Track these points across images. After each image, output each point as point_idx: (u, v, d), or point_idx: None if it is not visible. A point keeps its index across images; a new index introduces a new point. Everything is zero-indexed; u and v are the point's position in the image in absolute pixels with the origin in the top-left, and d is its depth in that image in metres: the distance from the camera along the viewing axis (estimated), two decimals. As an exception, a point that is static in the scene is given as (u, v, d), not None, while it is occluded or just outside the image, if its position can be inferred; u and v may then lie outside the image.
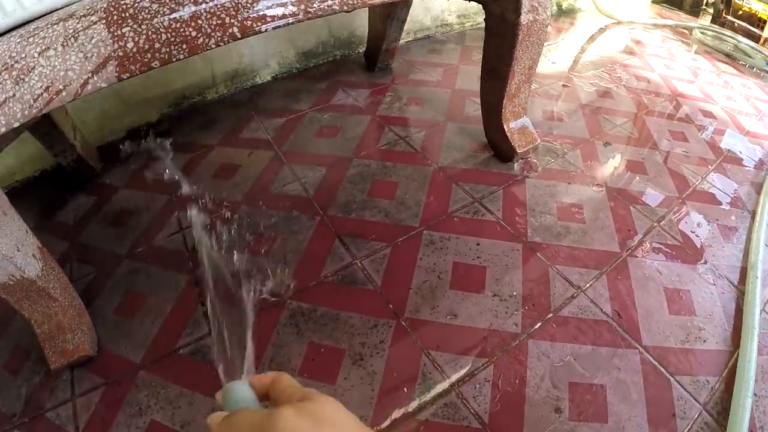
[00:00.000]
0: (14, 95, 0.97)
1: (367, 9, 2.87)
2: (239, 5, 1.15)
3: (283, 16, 1.22)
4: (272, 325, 1.65)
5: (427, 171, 2.29)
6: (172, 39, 1.11)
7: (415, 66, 3.26)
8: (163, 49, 1.11)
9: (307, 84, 2.95)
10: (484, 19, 2.00)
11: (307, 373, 1.53)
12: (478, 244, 1.94)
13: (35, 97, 0.99)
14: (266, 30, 1.21)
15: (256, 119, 2.63)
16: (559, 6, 4.65)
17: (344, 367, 1.55)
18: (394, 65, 3.21)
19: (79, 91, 1.04)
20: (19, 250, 1.26)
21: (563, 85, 3.22)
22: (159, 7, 1.10)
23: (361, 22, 3.16)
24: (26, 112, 0.99)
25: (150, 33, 1.09)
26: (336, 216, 2.03)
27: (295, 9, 1.22)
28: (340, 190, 2.15)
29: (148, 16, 1.09)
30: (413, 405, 1.47)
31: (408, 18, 2.81)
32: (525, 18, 1.84)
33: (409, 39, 3.63)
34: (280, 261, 1.84)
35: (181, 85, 2.70)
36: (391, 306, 1.70)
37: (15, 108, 0.98)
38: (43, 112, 1.01)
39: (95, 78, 1.06)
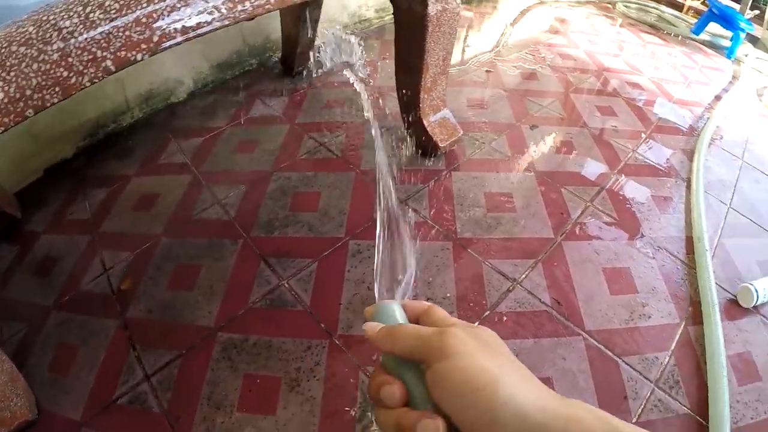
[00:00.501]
0: None
1: (278, 13, 2.84)
2: (111, 36, 1.11)
3: (160, 41, 1.18)
4: (205, 361, 1.61)
5: (350, 177, 2.28)
6: (44, 83, 1.07)
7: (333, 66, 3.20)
8: (35, 96, 1.07)
9: (224, 97, 2.91)
10: (393, 13, 1.99)
11: (245, 407, 1.50)
12: (407, 248, 1.92)
13: None
14: (143, 58, 1.17)
15: (173, 142, 2.57)
16: None
17: (282, 395, 1.53)
18: (312, 68, 3.17)
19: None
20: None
21: (487, 71, 3.24)
22: (26, 49, 1.05)
23: (275, 27, 3.10)
24: None
25: (20, 80, 1.04)
26: (259, 236, 2.00)
27: (172, 30, 1.19)
28: (261, 208, 2.12)
29: (16, 61, 1.04)
30: (358, 428, 1.45)
31: (324, 17, 2.78)
32: (433, 8, 1.83)
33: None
34: (206, 293, 1.80)
35: (94, 114, 2.61)
36: (322, 325, 1.69)
37: None
38: None
39: (-30, 138, 1.02)
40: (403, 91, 2.21)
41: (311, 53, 3.02)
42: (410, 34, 1.96)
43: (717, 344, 1.64)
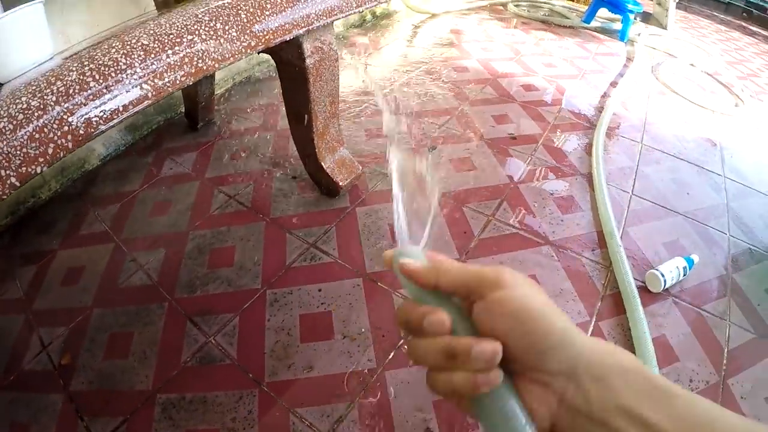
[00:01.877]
0: None
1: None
2: (10, 155, 1.21)
3: (55, 153, 1.27)
4: (149, 423, 1.70)
5: (260, 227, 2.37)
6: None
7: (237, 114, 3.32)
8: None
9: (136, 160, 2.97)
10: (276, 68, 2.11)
11: (189, 462, 1.60)
12: (320, 290, 2.05)
13: None
14: (42, 170, 1.27)
15: (91, 211, 2.63)
16: (373, 14, 4.77)
17: (222, 446, 1.62)
18: (217, 118, 3.25)
19: None
20: None
21: (384, 98, 3.33)
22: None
23: (176, 82, 3.15)
24: None
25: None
26: (182, 297, 2.09)
27: (63, 142, 1.27)
28: (182, 269, 2.21)
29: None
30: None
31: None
32: (310, 60, 1.96)
33: (229, 85, 3.68)
34: (141, 358, 1.89)
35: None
36: (250, 375, 1.79)
37: None
38: None
39: None
40: (299, 138, 2.34)
41: (214, 105, 3.13)
42: (294, 85, 2.08)
43: (645, 339, 1.78)
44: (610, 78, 3.72)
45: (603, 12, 4.64)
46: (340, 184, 2.38)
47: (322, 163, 2.34)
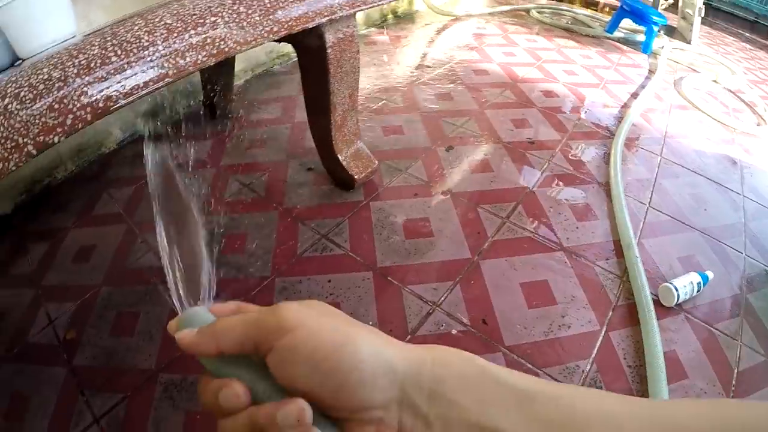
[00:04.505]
0: None
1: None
2: (29, 123, 1.22)
3: (73, 124, 1.30)
4: (149, 402, 1.70)
5: (274, 215, 2.37)
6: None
7: (254, 105, 3.32)
8: (-34, 182, 1.18)
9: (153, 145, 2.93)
10: (297, 58, 2.11)
11: (189, 444, 1.60)
12: (329, 281, 2.05)
13: None
14: (59, 140, 1.28)
15: (106, 192, 2.64)
16: (394, 13, 4.77)
17: (222, 429, 1.63)
18: (234, 108, 3.25)
19: None
20: None
21: (402, 96, 3.34)
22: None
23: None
24: None
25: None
26: None
27: (82, 114, 1.29)
28: None
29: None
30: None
31: (241, 56, 2.87)
32: (331, 51, 1.96)
33: (248, 77, 3.69)
34: (146, 337, 1.90)
35: (29, 170, 2.67)
36: None
37: None
38: None
39: None
40: (316, 129, 2.35)
41: (232, 94, 3.14)
42: (314, 76, 2.09)
43: (656, 352, 1.76)
44: (631, 89, 3.71)
45: (627, 23, 4.63)
46: (356, 177, 2.39)
47: (338, 156, 2.34)
